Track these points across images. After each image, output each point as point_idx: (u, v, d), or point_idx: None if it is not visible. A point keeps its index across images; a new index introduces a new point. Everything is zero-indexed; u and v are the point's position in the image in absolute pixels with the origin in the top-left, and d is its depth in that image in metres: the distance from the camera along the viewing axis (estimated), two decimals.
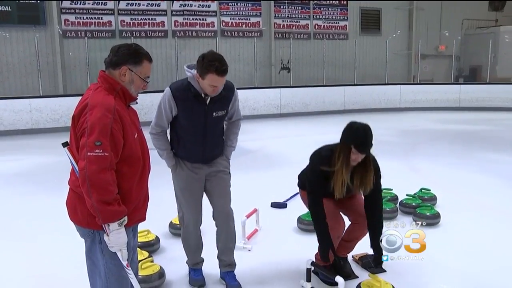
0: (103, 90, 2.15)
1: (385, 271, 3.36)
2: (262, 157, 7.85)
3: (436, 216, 4.54)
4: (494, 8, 19.50)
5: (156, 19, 14.42)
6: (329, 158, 3.08)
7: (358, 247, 3.54)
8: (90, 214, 2.06)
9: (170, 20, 14.63)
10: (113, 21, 13.91)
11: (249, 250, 3.98)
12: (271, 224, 4.59)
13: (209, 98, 2.97)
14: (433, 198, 5.11)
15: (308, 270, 3.29)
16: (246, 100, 12.68)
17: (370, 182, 3.10)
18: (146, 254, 3.60)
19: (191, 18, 14.84)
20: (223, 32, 15.31)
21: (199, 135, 3.08)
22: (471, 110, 15.05)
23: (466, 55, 19.46)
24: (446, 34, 17.84)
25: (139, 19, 14.17)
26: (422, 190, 5.18)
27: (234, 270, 3.36)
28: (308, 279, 3.30)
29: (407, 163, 7.67)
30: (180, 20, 14.72)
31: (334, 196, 3.16)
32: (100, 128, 2.00)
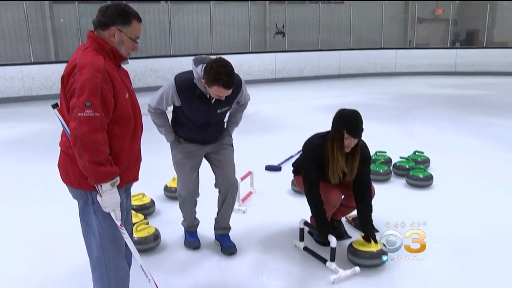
0: (92, 50, 2.10)
1: (378, 231, 3.41)
2: (257, 121, 7.83)
3: (429, 178, 4.59)
4: None
5: None
6: (321, 146, 3.15)
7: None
8: (82, 175, 2.05)
9: None
10: None
11: (243, 212, 4.03)
12: (265, 187, 4.64)
13: (214, 99, 2.93)
14: (426, 161, 5.15)
15: (301, 230, 3.34)
16: (240, 65, 12.56)
17: (355, 167, 3.14)
18: (141, 216, 3.62)
19: None
20: None
21: (201, 125, 3.08)
22: (467, 74, 15.01)
23: (464, 19, 19.24)
24: None
25: None
26: (416, 153, 5.22)
27: (229, 233, 3.41)
28: (301, 238, 3.35)
29: (402, 127, 7.69)
30: None
31: (329, 181, 3.21)
32: (90, 88, 1.97)
